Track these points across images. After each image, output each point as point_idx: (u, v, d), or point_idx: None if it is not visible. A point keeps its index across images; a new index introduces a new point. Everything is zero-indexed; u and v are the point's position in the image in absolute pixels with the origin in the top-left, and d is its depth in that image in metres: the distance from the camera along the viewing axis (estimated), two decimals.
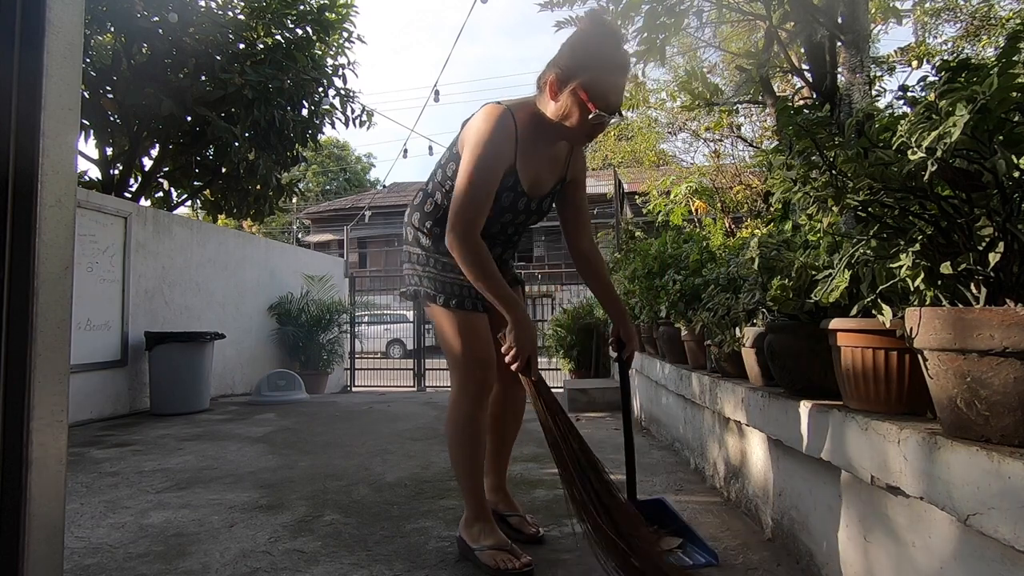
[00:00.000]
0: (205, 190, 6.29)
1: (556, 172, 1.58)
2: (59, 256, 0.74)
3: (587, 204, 1.72)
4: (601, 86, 1.33)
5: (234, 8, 5.55)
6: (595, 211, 22.59)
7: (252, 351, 6.36)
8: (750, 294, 1.80)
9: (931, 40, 6.43)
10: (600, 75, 1.33)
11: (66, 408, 0.76)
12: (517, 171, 1.47)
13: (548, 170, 1.55)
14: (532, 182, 1.53)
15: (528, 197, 1.54)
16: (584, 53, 1.35)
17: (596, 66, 1.34)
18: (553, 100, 1.39)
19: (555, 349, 7.11)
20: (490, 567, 1.49)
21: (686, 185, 7.52)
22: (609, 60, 1.35)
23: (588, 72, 1.33)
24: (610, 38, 1.37)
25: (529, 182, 1.52)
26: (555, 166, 1.57)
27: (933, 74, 1.08)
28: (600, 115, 1.34)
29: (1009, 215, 1.01)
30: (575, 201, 1.68)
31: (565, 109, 1.37)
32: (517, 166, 1.47)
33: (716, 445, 2.32)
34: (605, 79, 1.34)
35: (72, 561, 1.68)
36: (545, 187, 1.57)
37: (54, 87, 0.73)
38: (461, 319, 1.56)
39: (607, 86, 1.34)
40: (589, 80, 1.33)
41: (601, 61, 1.34)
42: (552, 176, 1.57)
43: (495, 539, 1.56)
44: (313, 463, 2.88)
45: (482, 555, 1.53)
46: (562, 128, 1.40)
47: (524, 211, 1.57)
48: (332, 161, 31.43)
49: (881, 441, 1.13)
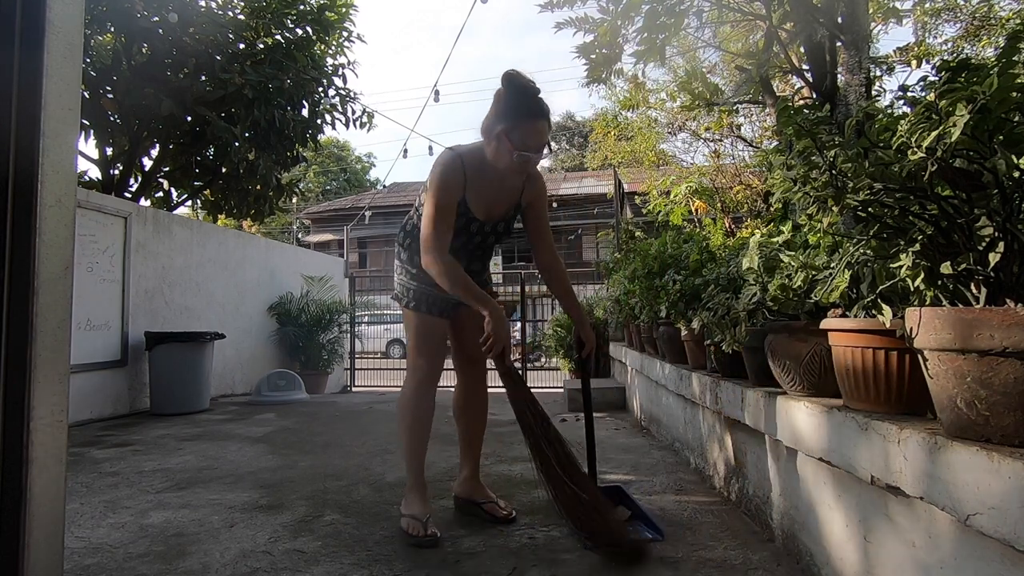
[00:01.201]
0: (205, 190, 6.29)
1: (510, 200, 1.90)
2: (59, 256, 0.74)
3: (548, 224, 2.03)
4: (518, 133, 1.66)
5: (234, 8, 5.55)
6: (595, 211, 22.51)
7: (252, 351, 6.36)
8: (750, 294, 1.80)
9: (931, 40, 6.42)
10: (517, 124, 1.66)
11: (66, 408, 0.76)
12: (467, 202, 1.81)
13: (500, 199, 1.88)
14: (486, 210, 1.86)
15: (482, 222, 1.87)
16: (504, 108, 1.68)
17: (513, 117, 1.67)
18: (487, 146, 1.73)
19: (555, 349, 7.11)
20: (403, 530, 1.83)
21: (686, 185, 7.52)
22: (523, 112, 1.67)
23: (506, 122, 1.67)
24: (522, 94, 1.68)
25: (482, 210, 1.86)
26: (509, 195, 1.89)
27: (933, 74, 1.08)
28: (522, 155, 1.66)
29: (1009, 215, 1.02)
30: (535, 222, 1.99)
31: (495, 152, 1.71)
32: (467, 197, 1.80)
33: (716, 445, 2.32)
34: (521, 127, 1.66)
35: (72, 561, 1.68)
36: (499, 213, 1.90)
37: (54, 87, 0.73)
38: (420, 320, 1.91)
39: (523, 132, 1.66)
40: (508, 128, 1.66)
41: (516, 113, 1.67)
42: (506, 204, 1.90)
43: (416, 510, 1.86)
44: (313, 463, 2.88)
45: (402, 521, 1.87)
46: (498, 167, 1.74)
47: (479, 233, 1.90)
48: (332, 161, 31.44)
49: (881, 441, 1.13)
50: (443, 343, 1.97)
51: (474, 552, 1.73)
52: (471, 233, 1.88)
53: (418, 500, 1.90)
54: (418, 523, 1.81)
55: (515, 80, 1.68)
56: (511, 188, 1.87)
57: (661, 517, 1.96)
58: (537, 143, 1.68)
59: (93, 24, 4.75)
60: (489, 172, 1.78)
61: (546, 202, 2.01)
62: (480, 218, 1.86)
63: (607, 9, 2.92)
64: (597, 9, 2.95)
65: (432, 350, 1.93)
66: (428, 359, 1.92)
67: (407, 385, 1.96)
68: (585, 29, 3.04)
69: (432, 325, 1.93)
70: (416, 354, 1.93)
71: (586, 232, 22.09)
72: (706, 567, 1.59)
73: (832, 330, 1.36)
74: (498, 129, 1.67)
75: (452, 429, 2.21)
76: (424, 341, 1.92)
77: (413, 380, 1.94)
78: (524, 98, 1.67)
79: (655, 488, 2.34)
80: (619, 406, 4.50)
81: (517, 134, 1.66)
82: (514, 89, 1.67)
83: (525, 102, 1.67)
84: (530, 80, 1.70)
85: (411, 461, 1.94)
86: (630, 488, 2.34)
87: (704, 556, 1.66)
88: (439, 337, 1.95)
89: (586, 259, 21.60)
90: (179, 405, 4.57)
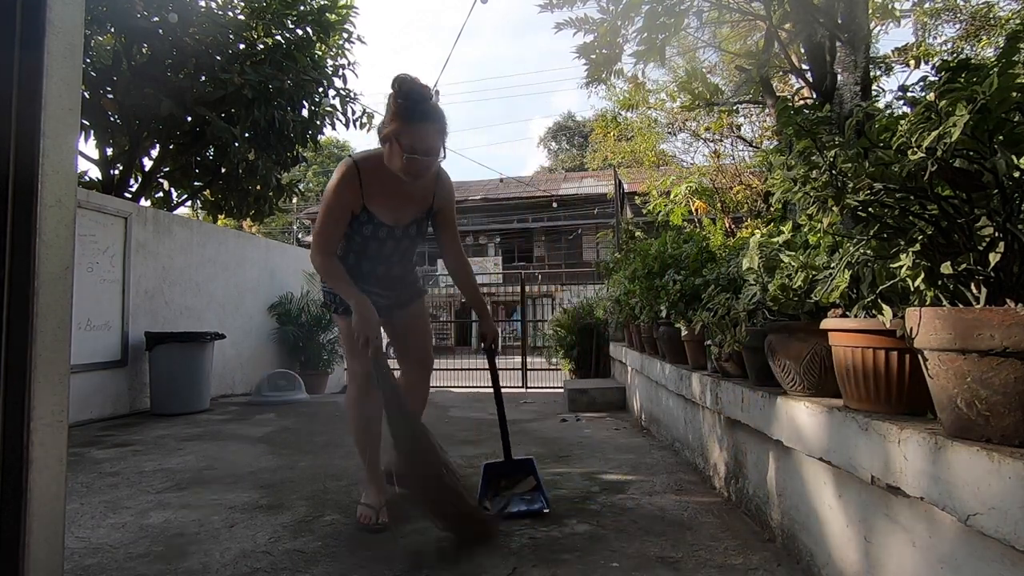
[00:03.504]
0: (205, 190, 6.28)
1: (419, 204, 1.95)
2: (59, 256, 0.74)
3: (456, 227, 2.11)
4: (407, 136, 1.69)
5: (234, 8, 5.55)
6: (595, 211, 22.47)
7: (252, 351, 6.36)
8: (750, 294, 1.80)
9: (931, 40, 6.42)
10: (405, 127, 1.69)
11: (66, 408, 0.76)
12: (369, 208, 1.85)
13: (407, 204, 1.92)
14: (393, 214, 1.90)
15: (391, 226, 1.91)
16: (394, 111, 1.71)
17: (401, 120, 1.70)
18: (384, 149, 1.77)
19: (555, 349, 7.10)
20: (358, 518, 1.96)
21: (686, 185, 7.52)
22: (411, 115, 1.70)
23: (396, 125, 1.70)
24: (409, 98, 1.70)
25: (388, 215, 1.90)
26: (417, 200, 1.93)
27: (933, 74, 1.08)
28: (410, 156, 1.70)
29: (1009, 215, 1.01)
30: (444, 225, 2.05)
31: (388, 155, 1.75)
32: (366, 205, 1.85)
33: (716, 445, 2.32)
34: (410, 130, 1.69)
35: (72, 561, 1.68)
36: (408, 217, 1.94)
37: (54, 87, 0.73)
38: (347, 323, 1.93)
39: (411, 135, 1.69)
40: (398, 131, 1.70)
41: (404, 116, 1.70)
42: (415, 208, 1.94)
43: (371, 500, 1.99)
44: (313, 463, 2.88)
45: (358, 509, 2.00)
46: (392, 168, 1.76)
47: (391, 237, 1.94)
48: (332, 161, 31.40)
49: (881, 441, 1.13)
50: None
51: (474, 552, 1.73)
52: (381, 239, 1.93)
53: (372, 491, 2.02)
54: (372, 512, 1.95)
55: (404, 84, 1.71)
56: (422, 192, 1.92)
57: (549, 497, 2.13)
58: (424, 146, 1.71)
59: (93, 24, 4.75)
60: (388, 176, 1.81)
61: (454, 206, 2.09)
62: (388, 223, 1.90)
63: (607, 9, 2.92)
64: (597, 9, 2.96)
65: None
66: (362, 361, 1.96)
67: (349, 389, 2.10)
68: (585, 29, 3.04)
69: None
70: (351, 357, 2.04)
71: (586, 232, 22.10)
72: (706, 567, 1.59)
73: (832, 330, 1.36)
74: (386, 131, 1.73)
75: (452, 429, 2.22)
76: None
77: (353, 384, 2.06)
78: (411, 102, 1.70)
79: (655, 488, 2.34)
80: (619, 406, 4.50)
81: (406, 137, 1.69)
82: (403, 93, 1.70)
83: (412, 106, 1.70)
84: (423, 85, 1.72)
85: (363, 456, 2.08)
86: (630, 488, 2.34)
87: (704, 556, 1.66)
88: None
89: (586, 259, 21.61)
90: (179, 405, 4.57)
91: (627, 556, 1.67)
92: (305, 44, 5.70)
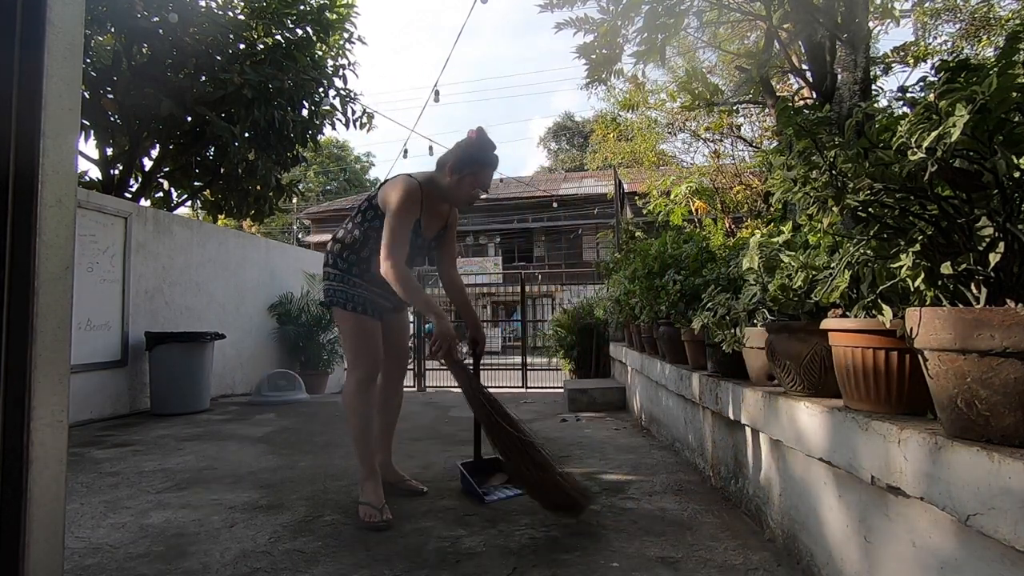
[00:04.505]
0: (205, 190, 6.28)
1: (440, 220, 2.31)
2: (59, 256, 0.74)
3: (455, 242, 2.44)
4: (480, 176, 2.12)
5: (234, 8, 5.55)
6: (595, 211, 22.44)
7: (252, 351, 6.36)
8: (750, 294, 1.80)
9: (931, 40, 6.42)
10: (481, 169, 2.12)
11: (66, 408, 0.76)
12: (420, 222, 2.16)
13: (436, 220, 2.27)
14: (427, 227, 2.24)
15: (424, 237, 2.24)
16: (474, 154, 2.11)
17: (481, 163, 2.12)
18: (450, 178, 2.12)
19: (555, 349, 7.10)
20: (360, 518, 2.00)
21: (686, 185, 7.52)
22: (488, 161, 2.13)
23: (474, 166, 2.11)
24: (489, 148, 2.14)
25: (428, 228, 2.24)
26: (440, 217, 2.30)
27: (932, 74, 1.08)
28: (479, 192, 2.14)
29: (1009, 215, 1.01)
30: (448, 242, 2.38)
31: (456, 185, 2.12)
32: (420, 219, 2.15)
33: (716, 445, 2.32)
34: (482, 172, 2.13)
35: (72, 561, 1.68)
36: (433, 231, 2.29)
37: (54, 87, 0.73)
38: (359, 321, 2.14)
39: (483, 177, 2.13)
40: (476, 170, 2.12)
41: (484, 161, 2.12)
42: (438, 223, 2.30)
43: (371, 498, 2.05)
44: (313, 463, 2.88)
45: (359, 508, 2.04)
46: (450, 195, 2.16)
47: (423, 246, 2.27)
48: (332, 161, 31.45)
49: (881, 441, 1.13)
50: (380, 343, 2.20)
51: (474, 552, 1.73)
52: (418, 246, 2.24)
53: (371, 488, 2.07)
54: (374, 510, 2.00)
55: (484, 136, 2.14)
56: (442, 212, 2.30)
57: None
58: (488, 184, 2.17)
59: (93, 24, 4.75)
60: (434, 196, 2.18)
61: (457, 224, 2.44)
62: (425, 235, 2.24)
63: (607, 9, 2.92)
64: (597, 9, 2.95)
65: (371, 350, 2.16)
66: (367, 358, 2.14)
67: (348, 384, 2.17)
68: (585, 29, 3.04)
69: (371, 326, 2.17)
70: (355, 354, 2.15)
71: (586, 232, 22.10)
72: (706, 567, 1.59)
73: (832, 330, 1.36)
74: (467, 170, 2.10)
75: (452, 429, 2.22)
76: (364, 341, 2.14)
77: (353, 379, 2.14)
78: (488, 151, 2.13)
79: (655, 488, 2.34)
80: (619, 406, 4.50)
81: (481, 176, 2.12)
82: (485, 143, 2.14)
83: (489, 153, 2.13)
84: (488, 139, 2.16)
85: (361, 454, 2.13)
86: (630, 488, 2.34)
87: (704, 556, 1.66)
88: (377, 338, 2.19)
89: (586, 259, 21.60)
90: (179, 405, 4.57)
91: (627, 556, 1.67)
92: (305, 44, 5.70)
